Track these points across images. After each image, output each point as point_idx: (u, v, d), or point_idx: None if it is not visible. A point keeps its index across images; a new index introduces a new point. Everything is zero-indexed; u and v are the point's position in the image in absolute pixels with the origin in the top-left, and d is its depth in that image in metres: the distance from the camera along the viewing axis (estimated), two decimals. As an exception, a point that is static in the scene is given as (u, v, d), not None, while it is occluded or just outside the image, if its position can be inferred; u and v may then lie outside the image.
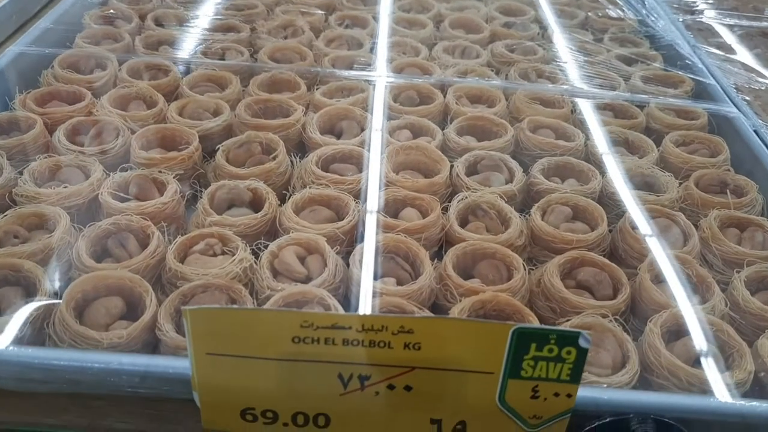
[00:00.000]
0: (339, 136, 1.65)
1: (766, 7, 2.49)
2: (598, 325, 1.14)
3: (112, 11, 2.05)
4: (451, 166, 1.52)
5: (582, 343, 0.90)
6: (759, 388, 1.09)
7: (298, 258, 1.26)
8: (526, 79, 1.90)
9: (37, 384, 1.00)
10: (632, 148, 1.67)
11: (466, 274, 1.29)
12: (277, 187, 1.48)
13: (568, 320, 1.16)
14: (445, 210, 1.41)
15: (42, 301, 1.11)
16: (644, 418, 0.96)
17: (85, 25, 1.99)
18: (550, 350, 0.90)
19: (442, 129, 1.69)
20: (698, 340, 1.12)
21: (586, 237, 1.34)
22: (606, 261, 1.28)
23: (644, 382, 1.10)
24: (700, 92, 1.91)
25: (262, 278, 1.20)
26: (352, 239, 1.35)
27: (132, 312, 1.15)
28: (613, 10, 2.36)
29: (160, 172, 1.42)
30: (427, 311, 1.15)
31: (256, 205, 1.40)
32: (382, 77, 1.82)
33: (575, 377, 0.92)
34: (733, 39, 2.24)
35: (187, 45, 1.93)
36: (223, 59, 1.90)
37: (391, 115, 1.71)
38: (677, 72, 1.97)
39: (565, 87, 1.85)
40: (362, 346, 0.90)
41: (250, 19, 2.09)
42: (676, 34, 2.20)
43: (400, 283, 1.22)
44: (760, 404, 0.98)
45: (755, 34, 2.29)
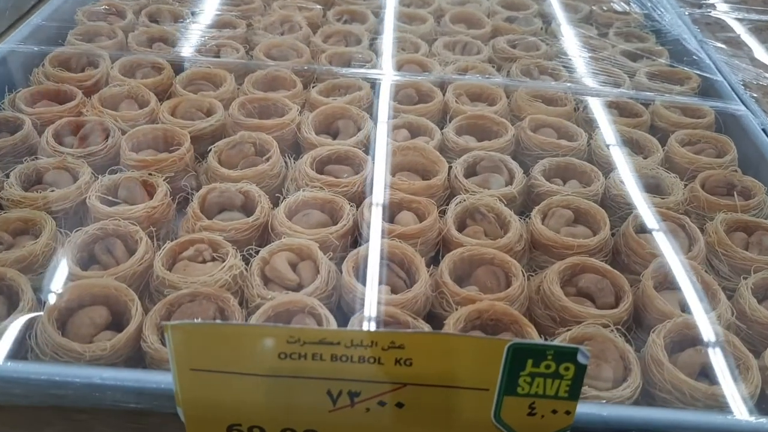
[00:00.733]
0: (335, 136, 1.61)
1: (775, 0, 2.43)
2: (599, 335, 1.10)
3: (106, 7, 2.01)
4: (450, 167, 1.48)
5: (581, 360, 0.86)
6: (766, 404, 1.05)
7: (290, 264, 1.22)
8: (528, 75, 1.86)
9: (19, 398, 0.97)
10: (637, 148, 1.62)
11: (463, 281, 1.25)
12: (271, 189, 1.44)
13: (568, 329, 1.12)
14: (442, 213, 1.37)
15: (24, 312, 1.07)
16: (646, 437, 0.92)
17: (77, 22, 1.95)
18: (548, 366, 0.86)
19: (441, 128, 1.65)
20: (703, 351, 1.08)
21: (588, 242, 1.30)
22: (608, 267, 1.24)
23: (646, 395, 1.06)
24: (707, 89, 1.86)
25: (252, 286, 1.17)
26: (346, 244, 1.32)
27: (118, 322, 1.12)
28: (618, 4, 2.30)
29: (150, 174, 1.39)
30: (421, 321, 1.11)
31: (248, 208, 1.37)
32: (388, 75, 1.77)
33: (574, 394, 0.88)
34: (742, 33, 2.18)
35: (182, 42, 1.89)
36: (218, 56, 1.86)
37: (389, 114, 1.66)
38: (684, 68, 1.92)
39: (568, 84, 1.80)
40: (351, 362, 0.86)
41: (246, 14, 2.05)
42: (683, 28, 2.14)
43: (394, 291, 1.19)
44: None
45: (765, 28, 2.23)
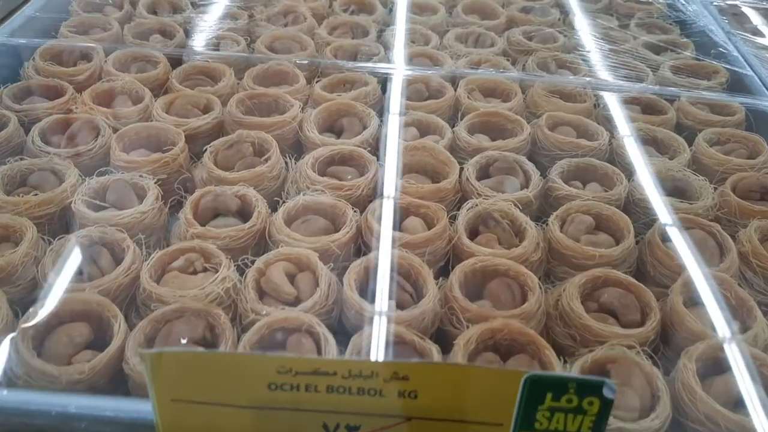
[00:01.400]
0: (340, 134, 1.52)
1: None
2: (624, 358, 1.00)
3: (102, -4, 1.92)
4: (461, 169, 1.38)
5: (607, 394, 0.76)
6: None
7: (288, 275, 1.13)
8: (545, 69, 1.75)
9: (-10, 424, 0.89)
10: (662, 148, 1.52)
11: (476, 294, 1.15)
12: (269, 192, 1.35)
13: (590, 350, 1.02)
14: (453, 219, 1.28)
15: (-2, 330, 0.99)
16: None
17: (72, 13, 1.86)
18: (569, 400, 0.77)
19: (452, 125, 1.55)
20: (739, 377, 0.98)
21: (610, 252, 1.20)
22: (632, 281, 1.14)
23: (676, 426, 0.96)
24: (736, 84, 1.75)
25: (246, 300, 1.08)
26: (349, 252, 1.22)
27: (101, 339, 1.03)
28: (639, -8, 2.18)
29: (141, 176, 1.30)
30: (429, 342, 1.02)
31: (244, 213, 1.28)
32: (400, 69, 1.67)
33: (598, 430, 0.79)
34: (772, 24, 2.07)
35: (180, 34, 1.80)
36: (218, 49, 1.77)
37: (398, 112, 1.56)
38: (711, 61, 1.81)
39: (588, 79, 1.69)
40: (350, 393, 0.78)
41: (249, 5, 1.95)
42: (709, 19, 2.03)
43: (400, 306, 1.09)
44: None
45: (796, 19, 2.11)
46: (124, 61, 1.67)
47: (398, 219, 1.26)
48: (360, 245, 1.24)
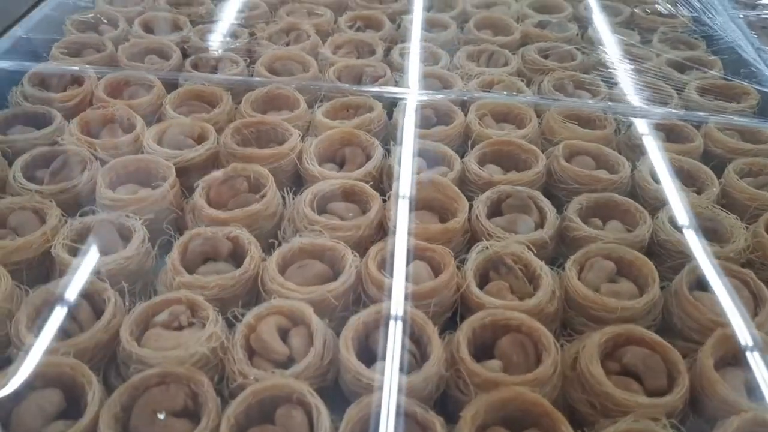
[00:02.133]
0: (341, 165, 1.42)
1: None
2: (650, 432, 0.90)
3: (97, 15, 1.84)
4: (471, 206, 1.28)
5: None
6: None
7: (281, 330, 1.04)
8: (561, 91, 1.64)
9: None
10: (688, 179, 1.41)
11: (485, 351, 1.06)
12: (265, 231, 1.26)
13: (612, 422, 0.92)
14: (461, 262, 1.18)
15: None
16: None
17: (65, 32, 1.78)
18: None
19: (462, 153, 1.46)
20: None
21: (633, 304, 1.09)
22: (658, 340, 1.03)
23: None
24: (769, 107, 1.63)
25: (235, 361, 0.99)
26: (348, 302, 1.13)
27: (74, 407, 0.94)
28: (662, 5, 2.06)
29: (128, 216, 1.21)
30: (432, 413, 0.92)
31: (236, 256, 1.19)
32: (413, 93, 1.57)
33: None
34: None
35: (177, 54, 1.71)
36: (216, 70, 1.68)
37: (413, 140, 1.47)
38: (740, 81, 1.69)
39: (608, 103, 1.58)
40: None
41: (250, 22, 1.86)
42: (738, 33, 1.90)
43: (402, 368, 0.99)
44: None
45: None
46: (117, 85, 1.58)
47: (402, 263, 1.17)
48: (360, 293, 1.15)
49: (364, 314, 1.04)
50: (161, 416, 0.89)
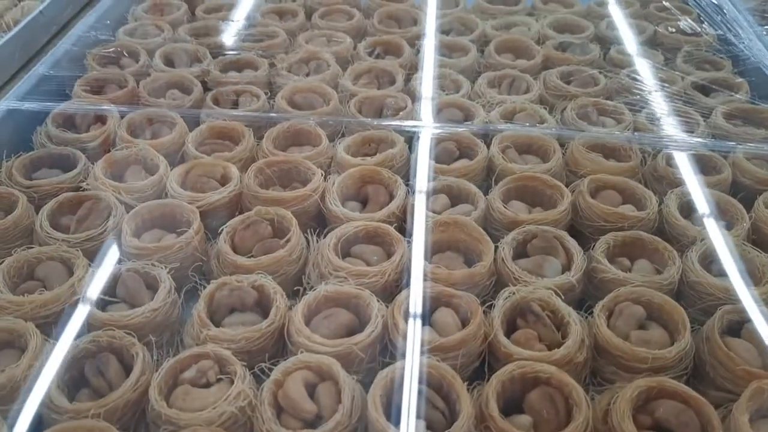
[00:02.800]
0: (365, 203, 1.42)
1: None
2: (685, 496, 0.89)
3: (117, 48, 1.84)
4: (496, 247, 1.27)
5: None
6: None
7: (308, 386, 1.04)
8: (585, 119, 1.62)
9: None
10: (717, 213, 1.38)
11: (514, 404, 1.05)
12: (290, 277, 1.26)
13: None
14: (487, 308, 1.17)
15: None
16: None
17: (87, 67, 1.79)
18: None
19: (486, 189, 1.44)
20: None
21: (665, 354, 1.08)
22: (691, 393, 1.01)
23: None
24: (799, 133, 1.60)
25: (263, 420, 0.99)
26: (375, 353, 1.13)
27: (106, 470, 0.95)
28: (686, 22, 2.03)
29: (154, 265, 1.22)
30: (463, 478, 0.91)
31: (262, 305, 1.19)
32: (428, 127, 1.56)
33: None
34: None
35: (198, 88, 1.72)
36: (237, 104, 1.68)
37: (429, 176, 1.46)
38: (768, 106, 1.66)
39: (635, 134, 1.56)
40: None
41: (269, 52, 1.86)
42: (765, 53, 1.86)
43: (430, 426, 0.99)
44: None
45: None
46: (140, 123, 1.59)
47: (428, 310, 1.16)
48: (386, 342, 1.14)
49: (391, 370, 1.04)
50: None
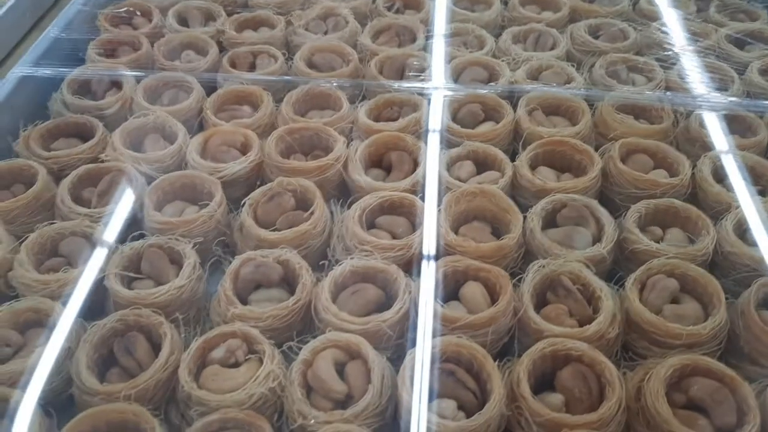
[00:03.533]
0: (389, 171, 1.39)
1: None
2: (720, 479, 0.88)
3: (129, 8, 1.79)
4: (524, 217, 1.24)
5: None
6: None
7: (337, 364, 1.03)
8: (615, 77, 1.56)
9: None
10: (752, 178, 1.33)
11: (545, 381, 1.04)
12: (314, 251, 1.24)
13: (678, 463, 0.91)
14: (516, 282, 1.15)
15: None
16: None
17: (99, 29, 1.74)
18: None
19: (512, 153, 1.41)
20: None
21: (699, 330, 1.06)
22: (727, 371, 0.99)
23: None
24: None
25: (293, 400, 0.99)
26: (404, 329, 1.11)
27: (139, 452, 0.96)
28: (720, -33, 1.93)
29: (177, 239, 1.20)
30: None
31: (287, 279, 1.18)
32: (440, 89, 1.51)
33: None
34: None
35: (214, 49, 1.67)
36: (254, 66, 1.63)
37: (449, 140, 1.42)
38: (806, 59, 1.59)
39: (667, 94, 1.50)
40: None
41: (285, 9, 1.80)
42: (804, 1, 1.78)
43: (461, 406, 0.99)
44: None
45: None
46: (156, 88, 1.56)
47: (455, 284, 1.15)
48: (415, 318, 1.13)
49: (421, 349, 1.03)
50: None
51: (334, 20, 1.77)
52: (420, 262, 1.19)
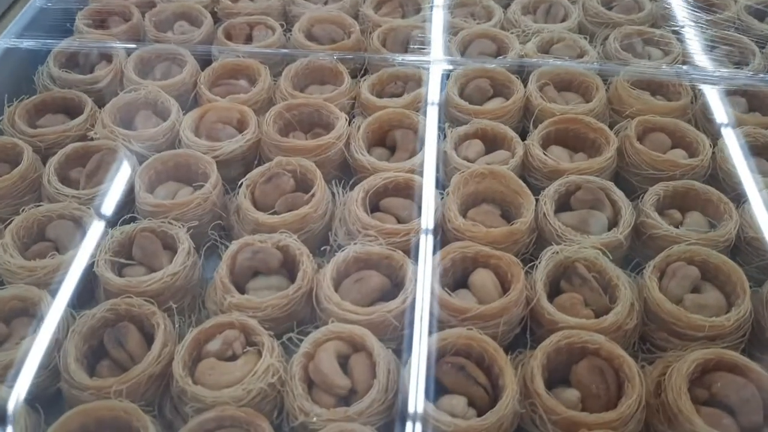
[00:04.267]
0: (393, 150, 1.32)
1: None
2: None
3: (120, -24, 1.70)
4: (536, 200, 1.18)
5: None
6: None
7: (340, 357, 0.98)
8: (630, 51, 1.49)
9: None
10: (775, 158, 1.27)
11: (560, 375, 0.98)
12: (315, 235, 1.18)
13: (702, 464, 0.86)
14: (529, 268, 1.09)
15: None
16: None
17: (88, -2, 1.66)
18: None
19: (523, 132, 1.34)
20: None
21: (723, 322, 1.00)
22: (752, 366, 0.94)
23: None
24: None
25: (294, 396, 0.93)
26: (411, 320, 1.05)
27: (131, 450, 0.91)
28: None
29: (171, 223, 1.14)
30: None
31: (287, 266, 1.12)
32: (438, 62, 1.44)
33: None
34: None
35: (208, 19, 1.59)
36: (251, 38, 1.55)
37: (456, 118, 1.35)
38: (831, 32, 1.52)
39: (684, 68, 1.43)
40: None
41: (283, -24, 1.71)
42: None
43: (472, 404, 0.93)
44: None
45: None
46: (147, 61, 1.48)
47: (465, 271, 1.09)
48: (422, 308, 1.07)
49: (429, 343, 0.97)
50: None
51: (335, -12, 1.68)
52: (426, 248, 1.13)
